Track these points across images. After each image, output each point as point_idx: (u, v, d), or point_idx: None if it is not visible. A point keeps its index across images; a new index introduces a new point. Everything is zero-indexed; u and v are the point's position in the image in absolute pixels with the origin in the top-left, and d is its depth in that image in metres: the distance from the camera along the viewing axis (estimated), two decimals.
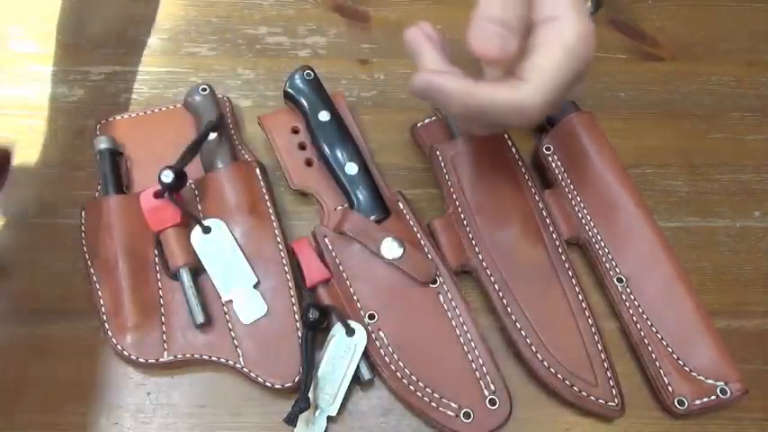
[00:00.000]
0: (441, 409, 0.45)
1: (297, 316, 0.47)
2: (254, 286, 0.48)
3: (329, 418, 0.45)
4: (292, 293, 0.48)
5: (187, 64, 0.60)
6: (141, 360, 0.46)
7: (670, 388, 0.46)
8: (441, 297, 0.48)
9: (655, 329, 0.48)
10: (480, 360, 0.46)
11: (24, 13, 0.60)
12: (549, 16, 0.40)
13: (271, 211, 0.51)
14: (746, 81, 0.61)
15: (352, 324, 0.47)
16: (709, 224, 0.54)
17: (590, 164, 0.53)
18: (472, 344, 0.46)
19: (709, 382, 0.46)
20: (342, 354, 0.46)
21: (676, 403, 0.46)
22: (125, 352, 0.46)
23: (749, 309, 0.52)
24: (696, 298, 0.49)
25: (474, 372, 0.46)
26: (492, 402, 0.45)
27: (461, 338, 0.47)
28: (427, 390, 0.45)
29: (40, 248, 0.51)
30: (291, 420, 0.43)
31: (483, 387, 0.45)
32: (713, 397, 0.46)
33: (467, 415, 0.45)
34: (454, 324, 0.47)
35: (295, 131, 0.55)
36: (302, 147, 0.54)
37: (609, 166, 0.52)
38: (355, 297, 0.48)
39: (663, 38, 0.63)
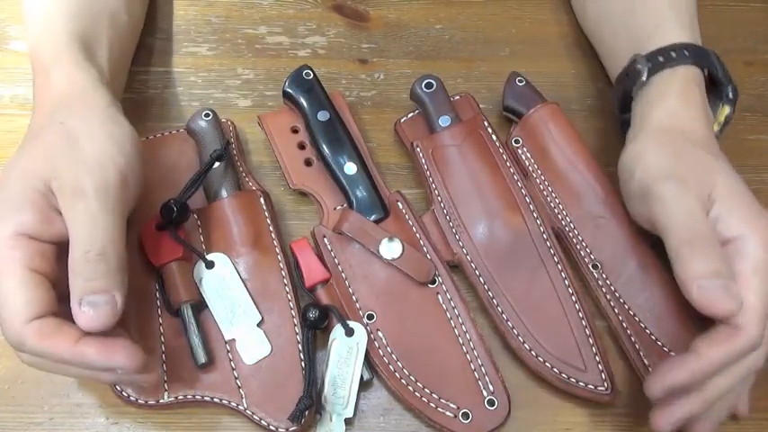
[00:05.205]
0: (439, 409, 0.45)
1: (302, 355, 0.46)
2: (258, 324, 0.46)
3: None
4: (297, 331, 0.46)
5: (187, 64, 0.60)
6: (141, 401, 0.44)
7: (650, 370, 0.46)
8: (440, 297, 0.48)
9: (632, 313, 0.48)
10: (479, 360, 0.46)
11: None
12: (731, 237, 0.42)
13: (276, 243, 0.49)
14: (746, 81, 0.61)
15: (351, 324, 0.47)
16: None
17: (558, 154, 0.53)
18: (471, 344, 0.46)
19: None
20: (345, 355, 0.46)
21: None
22: (124, 393, 0.44)
23: None
24: (670, 279, 0.48)
25: (473, 372, 0.46)
26: (491, 403, 0.45)
27: (460, 339, 0.47)
28: (426, 390, 0.45)
29: None
30: (296, 418, 0.43)
31: (482, 387, 0.45)
32: None
33: (465, 415, 0.45)
34: (453, 324, 0.47)
35: (294, 131, 0.55)
36: (302, 146, 0.54)
37: (577, 155, 0.53)
38: (354, 297, 0.48)
39: None
